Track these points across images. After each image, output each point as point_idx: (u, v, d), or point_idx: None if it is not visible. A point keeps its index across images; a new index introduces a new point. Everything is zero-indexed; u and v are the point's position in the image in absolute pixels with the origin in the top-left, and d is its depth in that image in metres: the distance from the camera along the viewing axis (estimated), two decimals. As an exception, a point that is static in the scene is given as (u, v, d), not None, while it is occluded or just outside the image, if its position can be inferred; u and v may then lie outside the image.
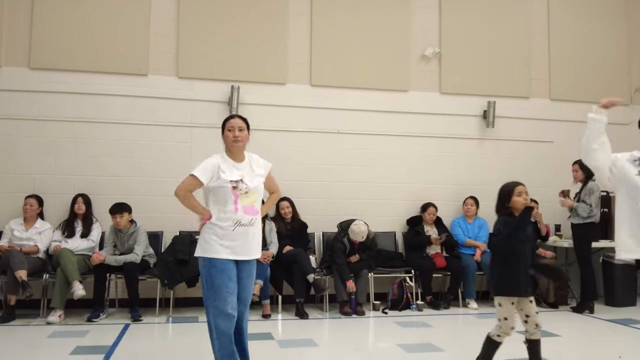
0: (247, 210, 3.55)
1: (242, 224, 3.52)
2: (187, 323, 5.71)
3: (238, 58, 6.88)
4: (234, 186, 3.50)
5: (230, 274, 3.49)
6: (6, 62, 6.39)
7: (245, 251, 3.55)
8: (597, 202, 6.37)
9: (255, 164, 3.72)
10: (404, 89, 7.32)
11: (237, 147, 3.63)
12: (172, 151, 6.68)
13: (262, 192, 3.69)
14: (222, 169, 3.56)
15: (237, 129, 3.62)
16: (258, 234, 3.64)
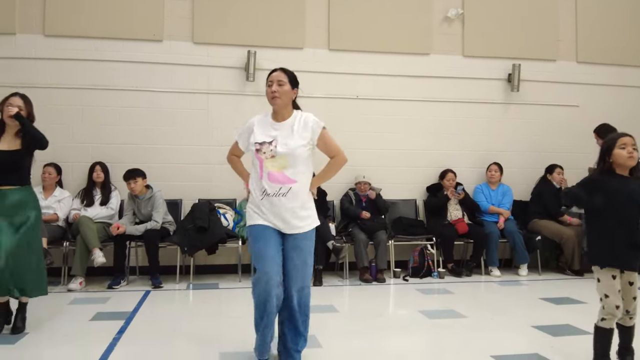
0: (273, 178, 3.21)
1: (268, 194, 3.21)
2: (207, 290, 5.77)
3: (254, 22, 6.79)
4: (258, 149, 3.23)
5: (267, 240, 3.22)
6: (21, 30, 6.38)
7: (278, 224, 3.25)
8: None
9: (300, 123, 3.30)
10: (426, 52, 7.19)
11: (276, 103, 3.29)
12: (189, 118, 6.67)
13: (300, 158, 3.23)
14: (255, 130, 3.32)
15: (275, 83, 3.28)
16: (294, 205, 3.23)
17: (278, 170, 3.21)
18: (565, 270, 6.71)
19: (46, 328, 4.07)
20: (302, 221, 3.27)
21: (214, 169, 6.69)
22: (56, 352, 3.64)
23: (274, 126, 3.30)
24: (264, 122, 3.35)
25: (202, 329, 4.19)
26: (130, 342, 3.86)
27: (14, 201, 3.88)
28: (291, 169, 3.21)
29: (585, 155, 7.06)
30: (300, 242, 3.28)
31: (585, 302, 5.20)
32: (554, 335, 4.06)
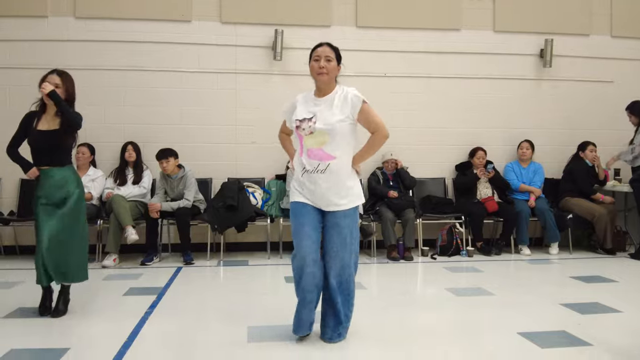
0: (312, 154, 3.20)
1: (307, 170, 3.22)
2: (237, 266, 5.89)
3: (282, 0, 6.80)
4: (297, 126, 3.24)
5: (305, 217, 3.26)
6: (53, 13, 6.52)
7: (318, 201, 3.26)
8: None
9: (340, 99, 3.24)
10: (456, 28, 7.10)
11: (321, 79, 3.24)
12: (218, 98, 6.75)
13: (339, 133, 3.19)
14: (298, 107, 3.31)
15: (323, 59, 3.23)
16: (333, 183, 3.21)
17: (317, 146, 3.20)
18: (597, 249, 6.65)
19: (82, 303, 4.19)
20: (342, 199, 3.25)
21: (243, 148, 6.78)
22: (91, 325, 3.76)
23: (315, 102, 3.29)
24: (307, 99, 3.34)
25: (231, 304, 4.30)
26: (161, 316, 3.98)
27: (55, 181, 3.85)
28: (330, 145, 3.18)
29: (618, 132, 7.01)
30: (340, 220, 3.26)
31: (616, 280, 5.16)
32: (582, 313, 4.05)
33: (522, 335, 3.51)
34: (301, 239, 3.25)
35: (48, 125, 3.88)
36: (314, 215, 3.29)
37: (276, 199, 6.51)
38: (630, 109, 6.31)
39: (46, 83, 3.78)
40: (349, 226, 3.29)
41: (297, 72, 6.77)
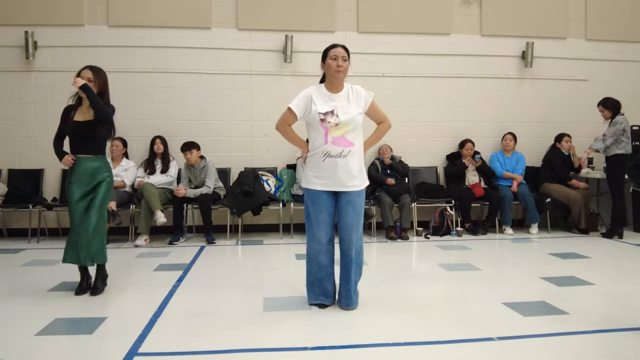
0: (336, 142, 3.26)
1: (331, 156, 3.26)
2: (253, 245, 5.89)
3: (291, 9, 6.75)
4: (322, 119, 3.25)
5: (322, 205, 3.33)
6: (88, 21, 6.50)
7: (337, 183, 3.30)
8: (621, 134, 6.04)
9: (354, 95, 3.35)
10: (446, 32, 7.03)
11: (338, 77, 3.31)
12: (234, 97, 6.73)
13: (357, 124, 3.30)
14: (314, 100, 3.30)
15: (340, 58, 3.30)
16: (351, 165, 3.29)
17: (340, 135, 3.27)
18: (572, 229, 6.61)
19: (117, 278, 4.21)
20: (357, 180, 3.34)
21: (257, 141, 6.76)
22: (126, 297, 3.78)
23: (331, 97, 3.32)
24: (321, 94, 3.34)
25: (249, 278, 4.30)
26: (187, 288, 3.99)
27: (88, 169, 3.78)
28: (351, 133, 3.29)
29: (591, 125, 6.97)
30: (355, 199, 3.34)
31: (589, 257, 5.14)
32: (560, 285, 4.03)
33: (507, 305, 3.50)
34: (319, 224, 3.35)
35: (83, 116, 3.82)
36: (329, 202, 3.36)
37: (287, 185, 6.50)
38: (603, 104, 6.24)
39: (79, 78, 3.73)
40: (361, 204, 3.39)
41: (305, 73, 6.75)
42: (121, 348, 2.74)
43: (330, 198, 3.36)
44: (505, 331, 3.01)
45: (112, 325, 3.13)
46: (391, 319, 3.26)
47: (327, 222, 3.36)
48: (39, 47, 6.40)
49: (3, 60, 6.40)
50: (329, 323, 3.18)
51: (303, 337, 2.93)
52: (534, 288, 3.98)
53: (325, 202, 3.34)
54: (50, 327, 3.10)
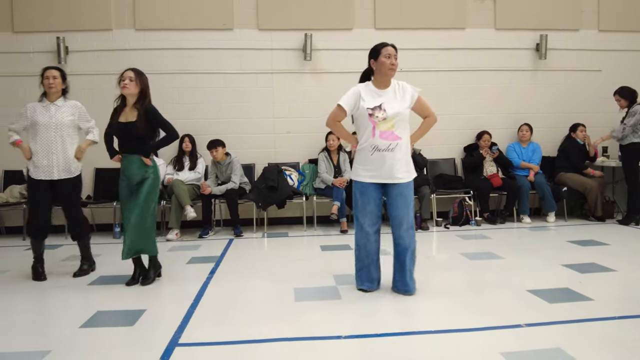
0: (384, 136, 3.30)
1: (379, 149, 3.30)
2: (279, 237, 5.90)
3: (309, 8, 6.69)
4: (370, 113, 3.30)
5: (369, 196, 3.37)
6: (116, 26, 6.53)
7: (385, 175, 3.34)
8: (638, 123, 5.91)
9: (401, 90, 3.40)
10: (461, 27, 6.91)
11: (391, 75, 3.39)
12: (257, 95, 6.71)
13: (404, 118, 3.34)
14: (363, 97, 3.36)
15: (393, 57, 3.39)
16: (400, 158, 3.32)
17: (388, 129, 3.30)
18: (588, 216, 6.50)
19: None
20: (405, 172, 3.37)
21: (280, 137, 6.75)
22: (162, 289, 3.81)
23: (379, 93, 3.37)
24: (369, 90, 3.40)
25: (277, 269, 4.31)
26: (220, 280, 4.01)
27: (132, 167, 3.83)
28: (398, 128, 3.31)
29: (605, 114, 6.84)
30: (404, 190, 3.37)
31: (608, 243, 5.05)
32: (582, 272, 3.97)
33: (531, 292, 3.46)
34: (366, 214, 3.40)
35: (126, 117, 3.86)
36: (377, 193, 3.40)
37: (309, 179, 6.49)
38: (620, 93, 6.12)
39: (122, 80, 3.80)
40: (410, 195, 3.43)
41: (325, 70, 6.73)
42: (162, 339, 2.76)
43: (377, 190, 3.40)
44: (533, 318, 2.97)
45: (151, 317, 3.16)
46: (419, 307, 3.24)
47: (374, 213, 3.41)
48: (70, 52, 6.45)
49: (37, 66, 6.34)
50: (360, 312, 3.17)
51: (336, 326, 2.92)
52: (556, 275, 3.93)
53: (372, 194, 3.38)
54: (93, 319, 3.13)
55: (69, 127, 4.14)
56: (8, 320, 3.15)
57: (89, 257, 4.36)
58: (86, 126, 4.24)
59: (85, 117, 4.23)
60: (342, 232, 5.99)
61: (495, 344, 2.61)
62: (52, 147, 4.08)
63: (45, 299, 3.60)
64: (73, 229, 4.28)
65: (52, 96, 4.13)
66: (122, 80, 3.82)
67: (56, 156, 4.08)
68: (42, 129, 4.07)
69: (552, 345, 2.57)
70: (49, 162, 4.07)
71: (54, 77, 4.10)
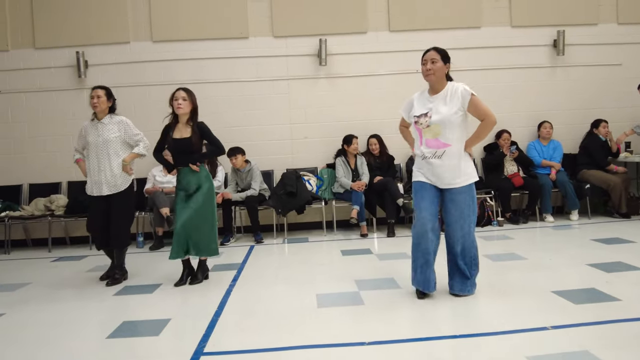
0: (429, 144, 3.28)
1: (425, 157, 3.31)
2: (299, 243, 5.91)
3: (323, 13, 6.71)
4: (416, 121, 3.31)
5: (424, 193, 3.33)
6: (134, 38, 6.64)
7: (437, 181, 3.32)
8: None
9: (451, 95, 3.26)
10: (477, 26, 6.87)
11: (429, 80, 3.31)
12: (274, 102, 6.75)
13: (451, 124, 3.21)
14: (415, 104, 3.37)
15: (429, 62, 3.29)
16: (448, 165, 3.25)
17: (433, 137, 3.26)
18: (613, 213, 6.39)
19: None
20: (457, 178, 3.28)
21: (297, 142, 6.78)
22: (186, 298, 3.85)
23: (429, 99, 3.32)
24: (422, 97, 3.39)
25: (298, 274, 4.33)
26: (243, 286, 4.04)
27: (188, 179, 4.09)
28: (444, 135, 3.23)
29: (627, 109, 6.74)
30: (456, 196, 3.30)
31: (634, 241, 4.96)
32: (608, 271, 3.90)
33: (556, 293, 3.41)
34: (421, 210, 3.32)
35: (181, 134, 4.09)
36: (432, 192, 3.34)
37: (328, 184, 6.50)
38: (642, 86, 6.02)
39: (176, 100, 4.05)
40: (464, 200, 3.32)
41: (341, 75, 6.76)
42: (188, 348, 2.79)
43: (433, 188, 3.35)
44: (559, 320, 2.93)
45: (176, 326, 3.19)
46: (441, 311, 3.21)
47: (429, 210, 3.31)
48: (89, 66, 6.57)
49: (58, 80, 6.61)
50: (383, 318, 3.16)
51: (359, 332, 2.92)
52: (581, 275, 3.87)
53: (427, 191, 3.34)
54: (119, 329, 3.18)
55: (115, 143, 4.28)
56: (33, 332, 3.22)
57: (122, 267, 4.45)
58: (133, 140, 4.36)
59: (131, 132, 4.34)
60: (362, 236, 5.98)
61: (520, 348, 2.58)
62: (101, 165, 4.25)
63: (71, 310, 3.66)
64: (116, 238, 4.34)
65: (99, 114, 4.31)
66: (174, 100, 4.03)
67: (104, 173, 4.25)
68: (92, 148, 4.27)
69: (579, 348, 2.54)
70: (98, 179, 4.26)
71: (98, 96, 4.26)
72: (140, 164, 5.56)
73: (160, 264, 4.97)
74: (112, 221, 4.29)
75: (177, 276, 4.32)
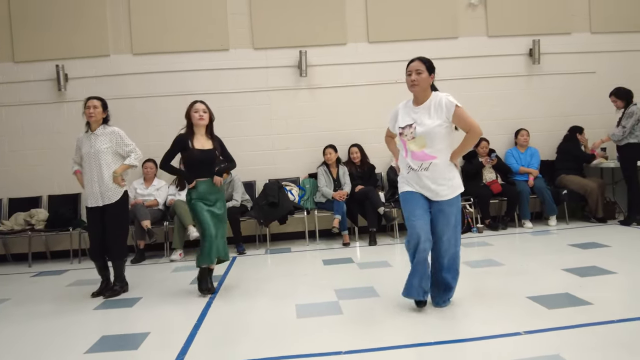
0: (415, 156, 3.20)
1: (412, 169, 3.23)
2: (281, 253, 5.92)
3: (303, 25, 6.78)
4: (400, 132, 3.23)
5: (414, 201, 3.24)
6: (114, 51, 6.64)
7: (425, 193, 3.25)
8: (635, 124, 5.95)
9: (435, 106, 3.18)
10: (454, 36, 6.99)
11: (414, 90, 3.24)
12: (255, 113, 6.78)
13: (437, 136, 3.14)
14: (399, 115, 3.30)
15: (414, 73, 3.21)
16: (435, 177, 3.19)
17: (419, 149, 3.17)
18: (590, 218, 6.51)
19: (156, 292, 4.29)
20: (445, 190, 3.22)
21: (279, 153, 6.81)
22: (166, 311, 3.84)
23: (414, 110, 3.25)
24: (407, 108, 3.32)
25: (280, 285, 4.34)
26: (224, 298, 4.04)
27: (207, 190, 4.15)
28: (430, 147, 3.15)
29: (601, 115, 6.88)
30: (444, 208, 3.25)
31: (609, 245, 5.06)
32: (582, 276, 3.99)
33: (531, 298, 3.48)
34: (415, 220, 3.22)
35: (202, 145, 4.16)
36: (423, 201, 3.27)
37: (310, 194, 6.53)
38: (616, 94, 6.15)
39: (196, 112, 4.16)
40: (453, 212, 3.28)
41: (321, 86, 6.82)
42: (166, 361, 2.80)
43: (424, 198, 3.28)
44: (532, 325, 2.98)
45: (155, 340, 3.19)
46: (418, 319, 3.25)
47: (423, 218, 3.23)
48: (69, 79, 6.56)
49: (38, 94, 6.58)
50: (360, 327, 3.19)
51: (336, 341, 2.95)
52: (556, 280, 3.94)
53: (417, 199, 3.26)
54: (98, 344, 3.16)
55: (107, 154, 4.26)
56: (12, 348, 3.20)
57: (122, 278, 4.42)
58: (125, 151, 4.35)
59: (122, 143, 4.34)
60: (344, 245, 6.02)
61: (493, 354, 2.63)
62: (94, 176, 4.24)
63: (50, 325, 3.64)
64: (113, 250, 4.32)
65: (93, 125, 4.31)
66: (195, 112, 4.11)
67: (98, 184, 4.23)
68: (86, 159, 4.28)
69: (551, 352, 2.59)
70: (93, 190, 4.25)
71: (94, 106, 4.26)
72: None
73: (141, 277, 4.95)
74: (108, 232, 4.28)
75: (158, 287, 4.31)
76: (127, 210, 4.48)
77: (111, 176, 4.25)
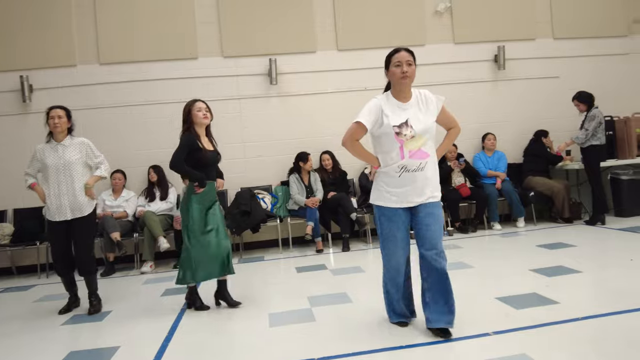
0: (414, 155, 2.91)
1: (408, 170, 2.92)
2: (255, 262, 5.89)
3: (272, 34, 6.81)
4: (397, 132, 2.89)
5: (399, 222, 3.00)
6: (80, 61, 6.54)
7: (415, 196, 2.95)
8: (597, 126, 6.15)
9: (424, 101, 3.00)
10: (421, 44, 7.10)
11: (404, 83, 2.94)
12: (225, 121, 6.72)
13: (432, 133, 2.97)
14: (385, 112, 2.94)
15: (405, 64, 2.94)
16: (429, 176, 2.95)
17: (416, 148, 2.91)
18: (557, 219, 6.68)
19: (126, 304, 4.22)
20: (435, 191, 3.01)
21: (251, 161, 6.80)
22: (137, 324, 3.78)
23: (402, 107, 2.97)
24: (391, 104, 2.99)
25: (252, 295, 4.31)
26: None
27: (210, 192, 3.96)
28: (426, 145, 2.95)
29: (565, 119, 7.07)
30: (434, 210, 3.00)
31: (575, 245, 5.19)
32: (549, 275, 4.08)
33: (499, 299, 3.54)
34: (397, 242, 3.04)
35: (208, 146, 3.99)
36: (406, 218, 3.03)
37: (282, 202, 6.53)
38: (578, 98, 6.34)
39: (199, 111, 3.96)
40: (441, 215, 3.09)
41: (292, 93, 6.85)
42: (136, 375, 2.75)
43: (406, 214, 3.02)
44: (500, 325, 3.04)
45: (125, 354, 3.14)
46: (386, 324, 3.27)
47: (405, 241, 3.06)
48: (34, 90, 6.42)
49: (1, 105, 6.42)
50: (332, 333, 3.20)
51: (309, 349, 2.95)
52: (524, 280, 4.03)
53: (402, 219, 3.00)
54: (65, 360, 3.10)
55: (77, 165, 4.13)
56: (-22, 368, 3.10)
57: (96, 293, 4.26)
58: (94, 162, 4.24)
59: (92, 154, 4.24)
60: (317, 251, 6.03)
61: (463, 355, 2.67)
62: (63, 188, 4.07)
63: (17, 342, 3.54)
64: (82, 265, 4.17)
65: (59, 136, 4.16)
66: (198, 110, 3.93)
67: (67, 197, 4.07)
68: (52, 171, 4.08)
69: (517, 351, 2.65)
70: (61, 203, 4.06)
71: (59, 116, 4.13)
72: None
73: (111, 291, 4.86)
74: (77, 247, 4.14)
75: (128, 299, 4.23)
76: (94, 224, 4.37)
77: (82, 188, 4.13)
